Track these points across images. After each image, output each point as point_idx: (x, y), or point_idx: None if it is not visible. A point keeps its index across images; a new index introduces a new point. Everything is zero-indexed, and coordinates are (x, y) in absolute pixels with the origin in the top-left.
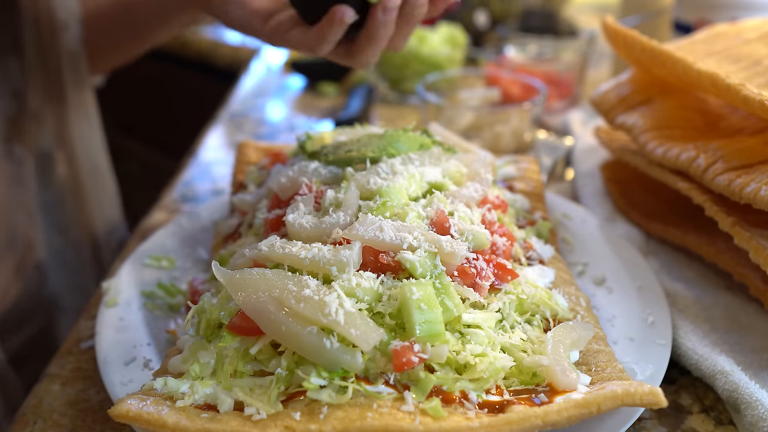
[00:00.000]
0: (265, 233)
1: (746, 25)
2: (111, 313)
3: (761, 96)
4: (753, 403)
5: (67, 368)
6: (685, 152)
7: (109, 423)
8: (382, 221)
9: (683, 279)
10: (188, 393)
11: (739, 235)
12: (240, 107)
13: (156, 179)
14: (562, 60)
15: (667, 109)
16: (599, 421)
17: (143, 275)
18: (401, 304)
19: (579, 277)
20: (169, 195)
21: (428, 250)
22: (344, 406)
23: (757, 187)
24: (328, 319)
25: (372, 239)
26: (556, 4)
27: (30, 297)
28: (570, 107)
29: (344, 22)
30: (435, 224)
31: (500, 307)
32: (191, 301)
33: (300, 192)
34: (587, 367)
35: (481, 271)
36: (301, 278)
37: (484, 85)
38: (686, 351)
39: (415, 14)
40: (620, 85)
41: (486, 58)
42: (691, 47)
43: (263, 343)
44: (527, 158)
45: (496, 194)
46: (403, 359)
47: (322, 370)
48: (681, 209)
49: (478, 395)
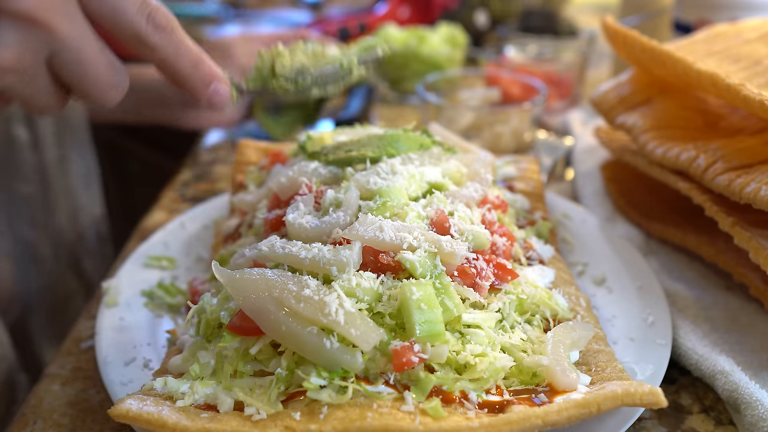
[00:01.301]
0: (265, 233)
1: (746, 25)
2: (111, 313)
3: (761, 96)
4: (753, 403)
5: (67, 368)
6: (685, 152)
7: (109, 423)
8: (382, 221)
9: (683, 279)
10: (188, 393)
11: (739, 235)
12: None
13: (156, 179)
14: (562, 60)
15: (667, 109)
16: (599, 421)
17: (143, 275)
18: (401, 304)
19: (579, 277)
20: (169, 195)
21: (428, 250)
22: (344, 406)
23: (757, 187)
24: (328, 319)
25: (372, 239)
26: (556, 4)
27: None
28: (570, 107)
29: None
30: (435, 224)
31: (500, 307)
32: (191, 301)
33: (300, 192)
34: (587, 367)
35: (481, 271)
36: (301, 278)
37: (484, 85)
38: (686, 351)
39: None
40: (620, 85)
41: (486, 58)
42: (691, 47)
43: (263, 343)
44: (527, 158)
45: (496, 194)
46: (403, 359)
47: (322, 370)
48: (681, 209)
49: (478, 395)
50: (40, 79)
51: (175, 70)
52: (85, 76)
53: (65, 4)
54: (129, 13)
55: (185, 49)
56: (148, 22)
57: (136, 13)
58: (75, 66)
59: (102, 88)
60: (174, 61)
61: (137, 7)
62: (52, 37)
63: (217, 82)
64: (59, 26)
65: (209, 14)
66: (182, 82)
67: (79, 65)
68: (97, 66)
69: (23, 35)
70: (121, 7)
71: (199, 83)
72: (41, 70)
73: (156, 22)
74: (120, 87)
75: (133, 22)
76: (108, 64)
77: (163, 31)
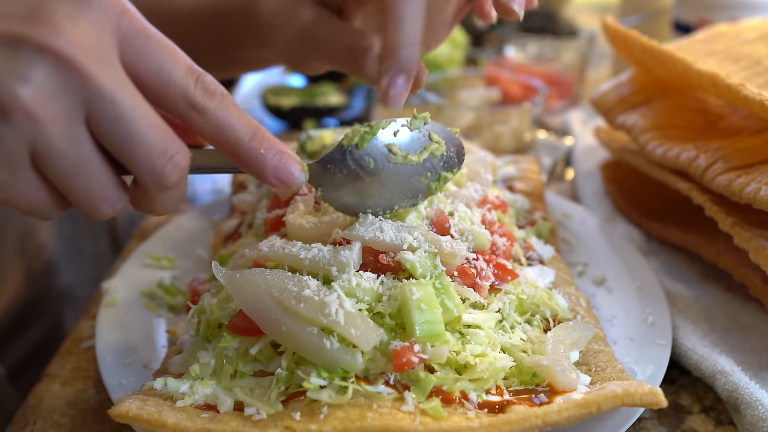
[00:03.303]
0: (265, 233)
1: (746, 25)
2: (111, 313)
3: (761, 96)
4: (753, 403)
5: (67, 368)
6: (685, 152)
7: (109, 423)
8: (382, 222)
9: (683, 279)
10: (188, 393)
11: (739, 235)
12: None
13: None
14: (562, 60)
15: (667, 109)
16: (599, 421)
17: (143, 275)
18: (401, 305)
19: (579, 277)
20: None
21: (428, 250)
22: (344, 406)
23: (757, 187)
24: (328, 319)
25: (372, 240)
26: (556, 4)
27: (41, 293)
28: (570, 107)
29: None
30: (435, 224)
31: (500, 307)
32: (191, 301)
33: (300, 192)
34: (587, 367)
35: (481, 272)
36: (301, 278)
37: (484, 85)
38: (686, 351)
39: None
40: (620, 85)
41: (486, 58)
42: (691, 47)
43: (263, 343)
44: (527, 158)
45: (496, 194)
46: (403, 359)
47: (322, 371)
48: (681, 209)
49: (478, 395)
50: (83, 148)
51: (232, 139)
52: (130, 137)
53: (105, 51)
54: (177, 73)
55: (240, 114)
56: (197, 85)
57: (185, 75)
58: (115, 124)
59: (154, 156)
60: (229, 127)
61: (185, 68)
62: (89, 87)
63: (282, 155)
64: (97, 76)
65: None
66: (241, 155)
67: (120, 122)
68: (143, 124)
69: (55, 77)
70: (168, 66)
71: (262, 154)
72: (80, 132)
73: (206, 86)
74: (176, 161)
75: (182, 83)
76: (158, 125)
77: (213, 95)
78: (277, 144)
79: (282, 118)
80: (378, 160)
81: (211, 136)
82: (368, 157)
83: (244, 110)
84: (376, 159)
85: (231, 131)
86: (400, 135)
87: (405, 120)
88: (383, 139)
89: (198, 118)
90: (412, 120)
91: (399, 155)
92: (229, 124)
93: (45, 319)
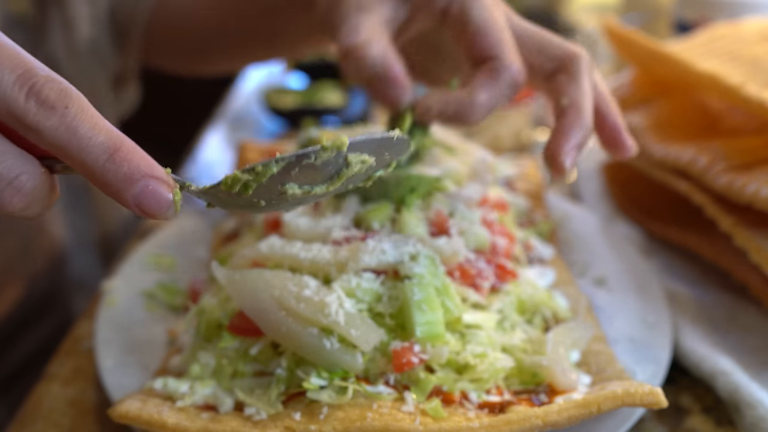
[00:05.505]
0: (265, 233)
1: (746, 25)
2: (111, 313)
3: (761, 96)
4: (753, 403)
5: (67, 368)
6: (685, 152)
7: (109, 423)
8: (382, 242)
9: (683, 279)
10: (188, 393)
11: (739, 235)
12: (240, 107)
13: None
14: None
15: (667, 109)
16: (599, 422)
17: (143, 275)
18: (402, 305)
19: (579, 277)
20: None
21: (428, 254)
22: (344, 406)
23: (757, 187)
24: (328, 319)
25: (378, 265)
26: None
27: (51, 287)
28: None
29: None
30: (434, 225)
31: (500, 307)
32: (191, 301)
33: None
34: (587, 367)
35: (481, 272)
36: (301, 278)
37: None
38: (686, 351)
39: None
40: (620, 85)
41: None
42: (691, 47)
43: (263, 343)
44: (527, 158)
45: (496, 194)
46: (403, 360)
47: (322, 371)
48: (681, 209)
49: (478, 395)
50: None
51: (78, 160)
52: None
53: None
54: (1, 82)
55: (95, 130)
56: (29, 97)
57: (13, 84)
58: None
59: None
60: (75, 148)
61: (15, 75)
62: None
63: (148, 179)
64: None
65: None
66: (95, 178)
67: None
68: None
69: None
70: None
71: (121, 179)
72: None
73: (42, 97)
74: (16, 186)
75: (7, 96)
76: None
77: (52, 110)
78: (145, 166)
79: (282, 119)
80: (273, 199)
81: (59, 155)
82: (259, 200)
83: (101, 120)
84: (270, 199)
85: (77, 153)
86: (304, 171)
87: (315, 148)
88: (277, 179)
89: (34, 137)
90: (319, 151)
91: (297, 193)
92: (75, 145)
93: (56, 314)
